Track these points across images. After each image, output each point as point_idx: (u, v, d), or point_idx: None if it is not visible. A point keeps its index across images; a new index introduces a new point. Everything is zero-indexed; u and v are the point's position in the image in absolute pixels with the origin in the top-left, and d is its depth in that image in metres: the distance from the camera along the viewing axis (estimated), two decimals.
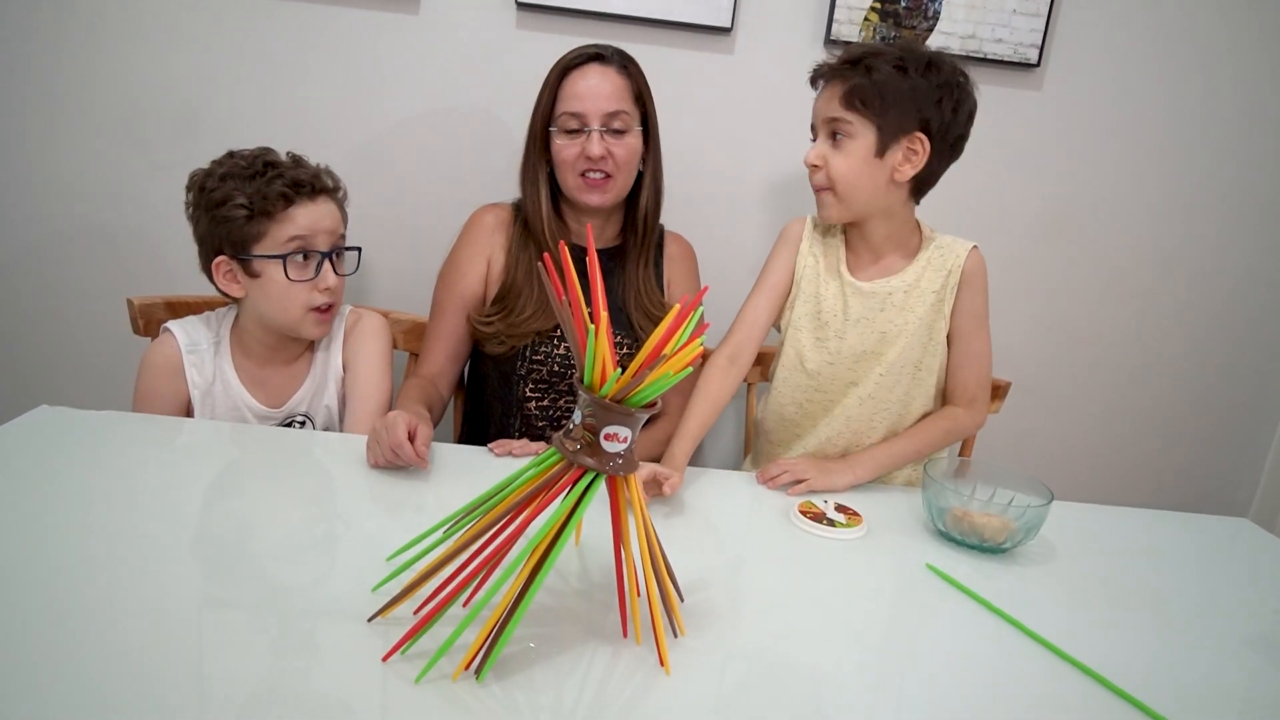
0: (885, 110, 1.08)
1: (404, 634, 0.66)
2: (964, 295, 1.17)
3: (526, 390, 1.30)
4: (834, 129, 1.12)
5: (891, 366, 1.16)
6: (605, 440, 0.67)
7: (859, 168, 1.11)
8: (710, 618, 0.77)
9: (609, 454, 0.68)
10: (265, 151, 1.17)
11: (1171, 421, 1.77)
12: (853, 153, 1.11)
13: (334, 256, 1.19)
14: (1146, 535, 1.10)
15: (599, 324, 0.66)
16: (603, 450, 0.68)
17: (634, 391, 0.67)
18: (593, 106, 1.22)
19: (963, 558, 0.95)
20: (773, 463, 1.12)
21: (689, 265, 1.41)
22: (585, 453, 0.67)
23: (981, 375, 1.20)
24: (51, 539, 0.77)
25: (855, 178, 1.12)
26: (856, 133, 1.10)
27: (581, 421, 0.68)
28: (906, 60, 1.09)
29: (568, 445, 0.68)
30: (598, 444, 0.68)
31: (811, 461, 1.13)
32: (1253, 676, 0.79)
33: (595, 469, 0.67)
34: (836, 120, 1.11)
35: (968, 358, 1.19)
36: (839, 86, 1.10)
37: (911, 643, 0.79)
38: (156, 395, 1.18)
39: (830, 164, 1.12)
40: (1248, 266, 1.68)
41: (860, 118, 1.09)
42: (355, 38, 1.50)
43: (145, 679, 0.61)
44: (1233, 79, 1.57)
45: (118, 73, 1.50)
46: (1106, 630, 0.83)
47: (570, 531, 0.66)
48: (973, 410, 1.20)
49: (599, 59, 1.24)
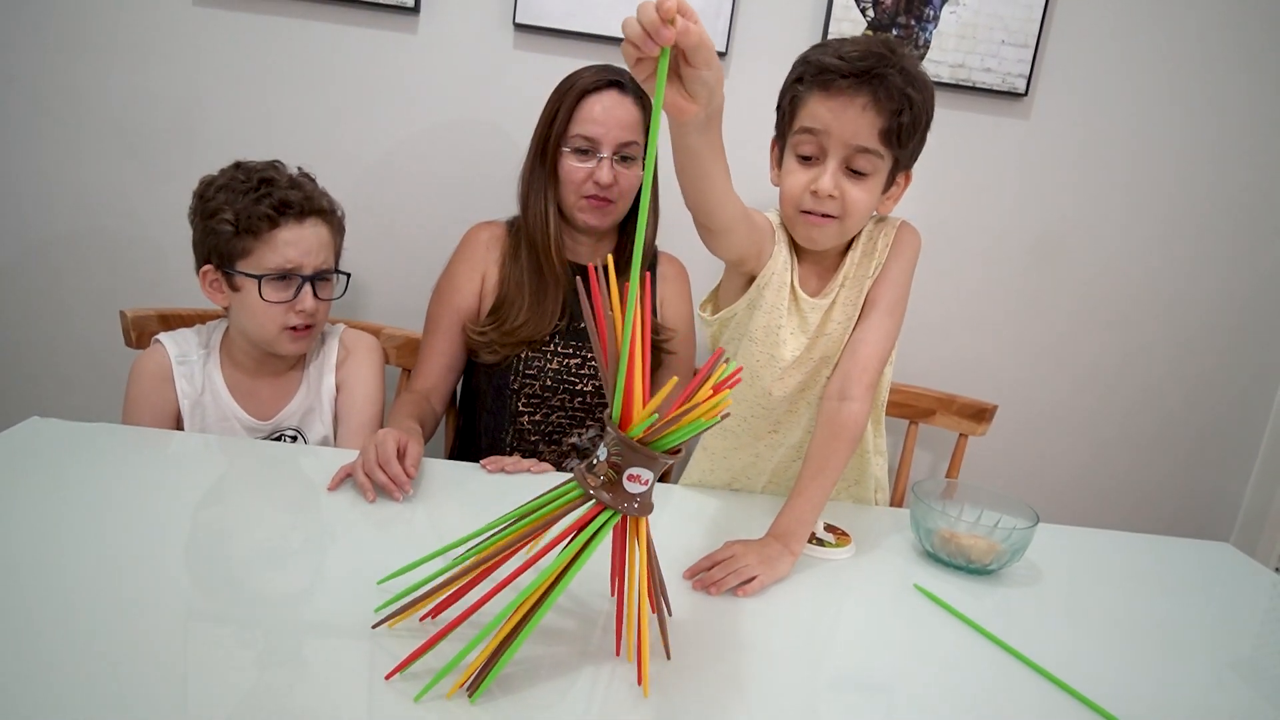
0: (907, 146, 0.98)
1: (401, 650, 0.66)
2: (891, 264, 1.07)
3: (519, 405, 1.31)
4: (855, 160, 0.97)
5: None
6: (628, 481, 0.68)
7: (872, 202, 1.00)
8: (699, 638, 0.77)
9: (629, 494, 0.68)
10: (269, 166, 1.18)
11: (1155, 446, 1.79)
12: (871, 188, 0.99)
13: (316, 280, 1.19)
14: (1131, 558, 1.11)
15: (633, 360, 0.66)
16: (624, 490, 0.68)
17: (662, 435, 0.67)
18: (608, 133, 1.24)
19: (950, 579, 0.96)
20: (705, 559, 0.91)
21: (682, 286, 1.43)
22: (606, 489, 0.68)
23: (881, 357, 1.06)
24: (40, 550, 0.77)
25: (866, 212, 1.01)
26: (877, 168, 0.98)
27: (606, 458, 0.68)
28: (924, 89, 0.98)
29: (590, 480, 0.69)
30: (620, 483, 0.68)
31: (748, 551, 0.91)
32: (1235, 699, 0.80)
33: (612, 507, 0.68)
34: (865, 152, 0.96)
35: (877, 334, 1.05)
36: (876, 114, 0.95)
37: (900, 663, 0.79)
38: (146, 405, 1.18)
39: (848, 197, 0.98)
40: (1228, 291, 1.71)
41: (889, 153, 0.97)
42: (354, 56, 1.51)
43: (131, 692, 0.60)
44: (1214, 110, 1.61)
45: (117, 84, 1.50)
46: (1091, 652, 0.84)
47: (581, 565, 0.67)
48: (864, 401, 1.03)
49: (618, 86, 1.25)
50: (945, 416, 1.53)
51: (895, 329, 1.08)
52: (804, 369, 1.09)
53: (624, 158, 1.26)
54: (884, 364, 1.08)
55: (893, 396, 1.37)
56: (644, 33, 0.64)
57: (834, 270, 1.08)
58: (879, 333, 1.06)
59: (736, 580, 0.88)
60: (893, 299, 1.07)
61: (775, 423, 1.14)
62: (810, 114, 0.97)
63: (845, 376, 1.04)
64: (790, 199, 1.02)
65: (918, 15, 1.52)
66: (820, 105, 0.96)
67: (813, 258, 1.08)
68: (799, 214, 1.01)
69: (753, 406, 1.12)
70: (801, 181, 1.00)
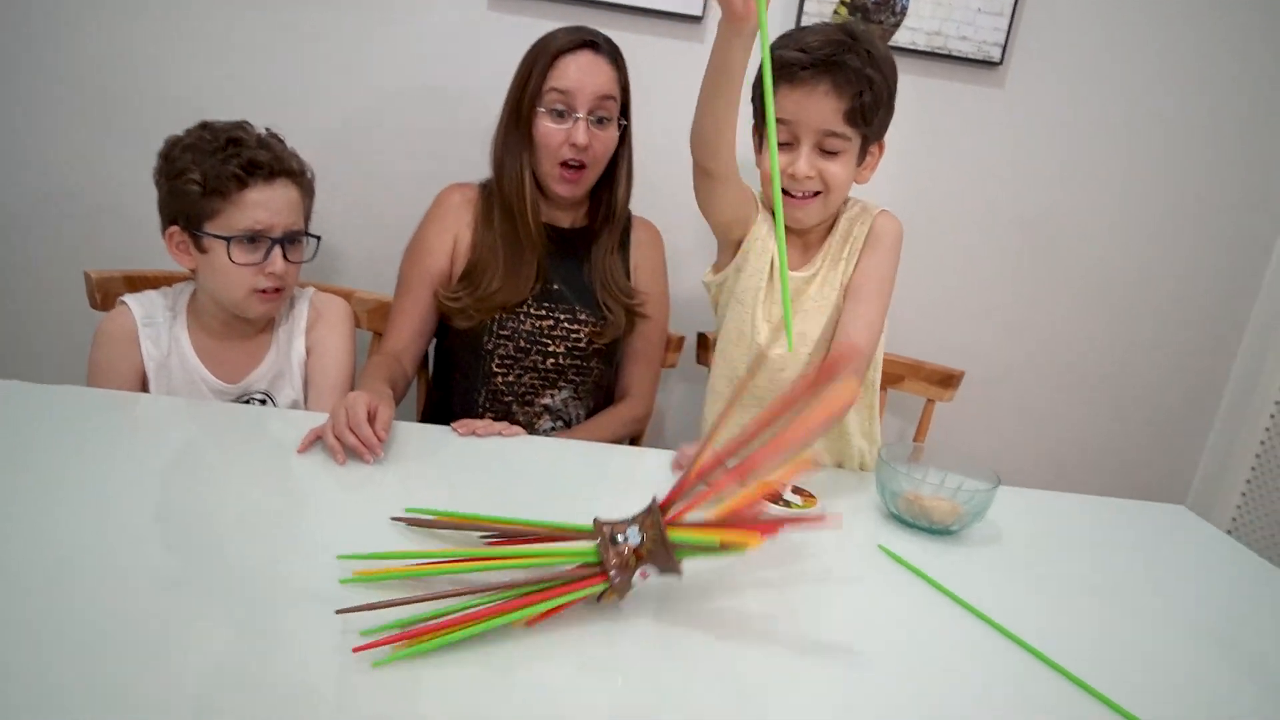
0: (873, 122, 1.06)
1: (382, 638, 0.65)
2: (866, 255, 1.12)
3: (493, 365, 1.31)
4: (825, 142, 1.05)
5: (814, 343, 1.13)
6: (639, 576, 0.70)
7: (849, 175, 1.08)
8: (662, 593, 0.79)
9: (630, 583, 0.71)
10: (236, 126, 1.15)
11: (1115, 413, 1.83)
12: (846, 163, 1.07)
13: (286, 242, 1.17)
14: (1088, 520, 1.14)
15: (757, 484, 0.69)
16: (629, 578, 0.70)
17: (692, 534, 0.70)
18: (584, 92, 1.22)
19: (913, 539, 0.98)
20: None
21: (656, 251, 1.43)
22: (618, 569, 0.70)
23: (868, 345, 1.10)
24: (3, 516, 0.76)
25: (846, 185, 1.08)
26: (847, 147, 1.06)
27: (638, 545, 0.70)
28: (885, 67, 1.05)
29: (612, 556, 0.70)
30: (631, 571, 0.70)
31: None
32: (1186, 655, 0.83)
33: (611, 584, 0.70)
34: (834, 135, 1.05)
35: (859, 323, 1.09)
36: (838, 99, 1.02)
37: (864, 621, 0.81)
38: (111, 368, 1.17)
39: (826, 173, 1.06)
40: (1192, 263, 1.74)
41: (855, 132, 1.05)
42: (325, 16, 1.48)
43: (99, 659, 0.60)
44: (1196, 79, 1.62)
45: (80, 43, 1.46)
46: (1048, 610, 0.87)
47: (543, 608, 0.68)
48: (850, 384, 1.02)
49: (593, 46, 1.24)
50: (914, 382, 1.55)
51: (878, 318, 1.11)
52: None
53: (599, 119, 1.25)
54: (871, 351, 1.11)
55: None
56: None
57: (816, 246, 1.14)
58: (861, 322, 1.09)
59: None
60: (873, 289, 1.10)
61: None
62: (779, 106, 1.01)
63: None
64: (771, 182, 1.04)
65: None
66: (786, 98, 1.03)
67: (795, 233, 1.13)
68: (782, 195, 1.04)
69: (743, 368, 1.16)
70: (780, 166, 1.02)
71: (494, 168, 1.31)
